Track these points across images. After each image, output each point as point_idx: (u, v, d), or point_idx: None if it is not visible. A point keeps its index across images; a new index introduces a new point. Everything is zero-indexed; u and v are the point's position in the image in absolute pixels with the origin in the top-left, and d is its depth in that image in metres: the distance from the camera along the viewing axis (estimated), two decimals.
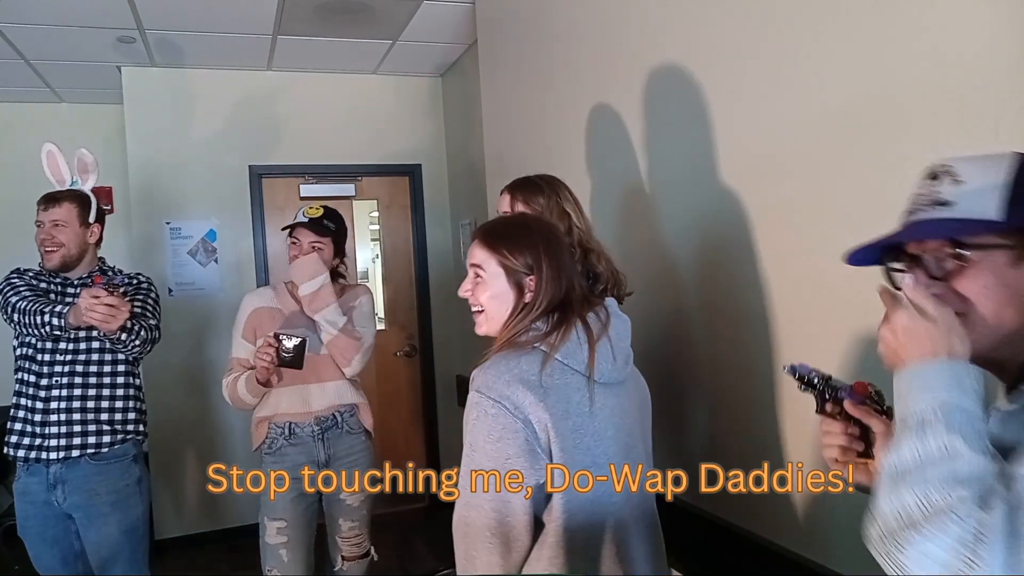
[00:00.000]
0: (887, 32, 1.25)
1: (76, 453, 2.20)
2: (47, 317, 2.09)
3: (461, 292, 1.35)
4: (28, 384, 2.22)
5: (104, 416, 2.25)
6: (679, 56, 1.81)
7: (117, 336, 2.13)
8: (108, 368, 2.27)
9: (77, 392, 2.22)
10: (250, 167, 4.10)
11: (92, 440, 2.22)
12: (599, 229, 1.75)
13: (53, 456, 2.18)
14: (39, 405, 2.20)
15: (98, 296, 1.97)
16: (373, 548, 2.50)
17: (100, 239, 2.37)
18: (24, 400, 2.22)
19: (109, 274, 2.29)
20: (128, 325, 2.11)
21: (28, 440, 2.20)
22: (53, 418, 2.20)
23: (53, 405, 2.20)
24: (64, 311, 2.08)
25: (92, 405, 2.24)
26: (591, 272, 1.57)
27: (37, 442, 2.19)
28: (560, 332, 1.25)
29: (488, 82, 3.11)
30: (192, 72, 4.00)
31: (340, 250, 2.42)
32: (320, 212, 2.35)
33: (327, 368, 2.35)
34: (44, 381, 2.21)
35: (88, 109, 4.49)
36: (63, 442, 2.19)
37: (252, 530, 2.38)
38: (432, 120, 4.44)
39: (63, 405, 2.20)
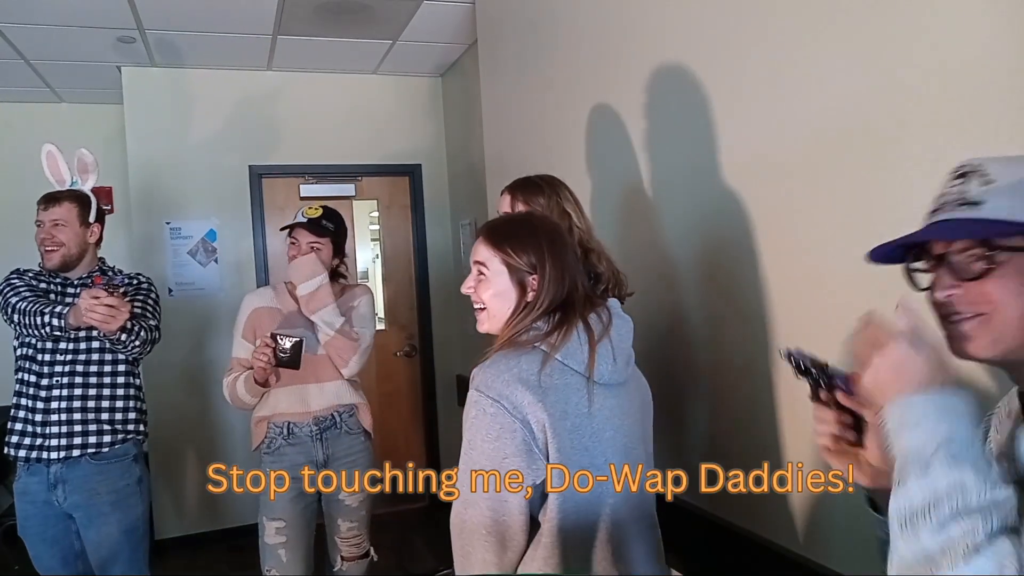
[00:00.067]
0: (887, 32, 1.25)
1: (77, 453, 2.20)
2: (47, 318, 2.09)
3: (464, 289, 1.35)
4: (28, 384, 2.22)
5: (104, 416, 2.25)
6: (679, 56, 1.81)
7: (117, 337, 2.13)
8: (108, 368, 2.27)
9: (78, 392, 2.22)
10: (250, 167, 4.10)
11: (92, 440, 2.22)
12: (599, 229, 1.75)
13: (54, 456, 2.19)
14: (40, 405, 2.21)
15: (98, 297, 1.97)
16: (373, 548, 2.50)
17: (100, 239, 2.37)
18: (25, 400, 2.23)
19: (109, 274, 2.29)
20: (128, 326, 2.11)
21: (29, 440, 2.20)
22: (54, 418, 2.20)
23: (54, 405, 2.20)
24: (64, 312, 2.08)
25: (92, 405, 2.24)
26: (592, 272, 1.57)
27: (38, 442, 2.20)
28: (561, 332, 1.25)
29: (488, 82, 3.11)
30: (192, 72, 4.00)
31: (340, 250, 2.42)
32: (319, 212, 2.35)
33: (326, 368, 2.35)
34: (44, 381, 2.21)
35: (88, 109, 4.49)
36: (64, 442, 2.19)
37: (252, 530, 2.38)
38: (432, 120, 4.44)
39: (64, 405, 2.20)
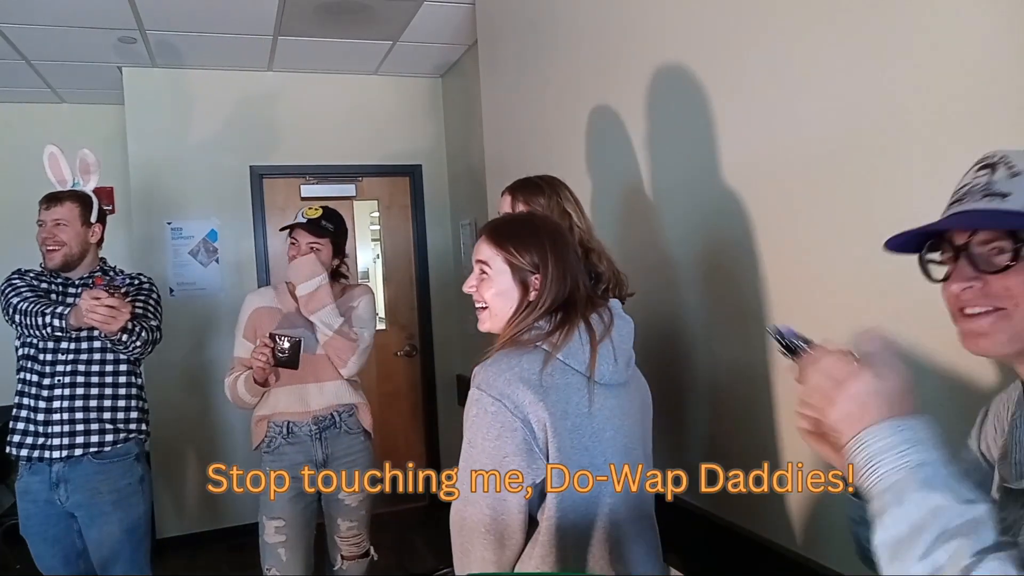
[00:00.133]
0: (888, 32, 1.25)
1: (79, 452, 2.21)
2: (48, 318, 2.09)
3: (466, 288, 1.35)
4: (31, 384, 2.23)
5: (107, 415, 2.25)
6: (679, 56, 1.82)
7: (118, 337, 2.14)
8: (110, 367, 2.28)
9: (80, 391, 2.23)
10: (251, 167, 4.11)
11: (95, 439, 2.23)
12: (599, 230, 1.75)
13: (56, 455, 2.19)
14: (42, 404, 2.21)
15: (99, 298, 1.97)
16: (373, 548, 2.50)
17: (101, 239, 2.38)
18: (27, 399, 2.23)
19: (111, 274, 2.30)
20: (129, 326, 2.11)
21: (31, 439, 2.21)
22: (56, 417, 2.20)
23: (56, 404, 2.21)
24: (65, 312, 2.09)
25: (95, 404, 2.24)
26: (593, 272, 1.57)
27: (40, 441, 2.20)
28: (563, 332, 1.25)
29: (488, 82, 3.12)
30: (193, 73, 4.00)
31: (340, 251, 2.43)
32: (319, 213, 2.35)
33: (325, 368, 2.36)
34: (47, 380, 2.22)
35: (89, 110, 4.50)
36: (66, 441, 2.20)
37: (252, 529, 2.39)
38: (432, 120, 4.45)
39: (66, 404, 2.21)
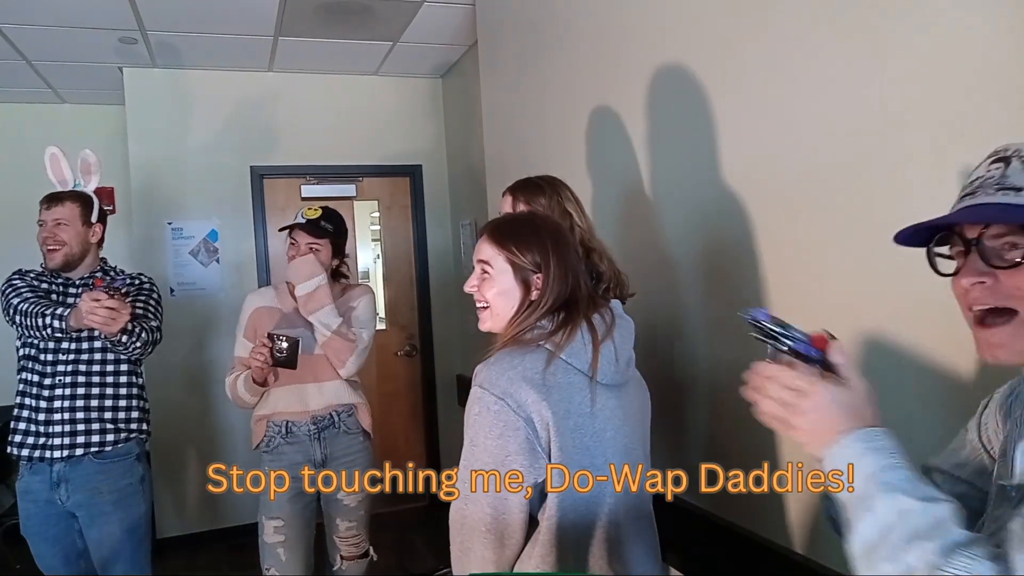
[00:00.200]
0: (888, 32, 1.25)
1: (80, 452, 2.21)
2: (48, 319, 2.10)
3: (467, 287, 1.35)
4: (32, 384, 2.23)
5: (108, 415, 2.26)
6: (679, 57, 1.82)
7: (118, 338, 2.14)
8: (111, 367, 2.28)
9: (80, 391, 2.23)
10: (251, 168, 4.11)
11: (96, 439, 2.23)
12: (599, 230, 1.75)
13: (57, 455, 2.19)
14: (43, 404, 2.21)
15: (99, 299, 1.97)
16: (372, 548, 2.50)
17: (102, 239, 2.38)
18: (28, 400, 2.23)
19: (111, 275, 2.30)
20: (129, 327, 2.11)
21: (32, 439, 2.21)
22: (56, 417, 2.20)
23: (57, 404, 2.21)
24: (65, 313, 2.09)
25: (95, 404, 2.24)
26: (594, 272, 1.57)
27: (41, 441, 2.20)
28: (566, 331, 1.25)
29: (488, 83, 3.12)
30: (193, 73, 4.00)
31: (340, 251, 2.43)
32: (318, 213, 2.35)
33: (325, 368, 2.36)
34: (47, 380, 2.22)
35: (90, 110, 4.50)
36: (67, 441, 2.20)
37: (252, 529, 2.39)
38: (432, 121, 4.45)
39: (66, 404, 2.21)
